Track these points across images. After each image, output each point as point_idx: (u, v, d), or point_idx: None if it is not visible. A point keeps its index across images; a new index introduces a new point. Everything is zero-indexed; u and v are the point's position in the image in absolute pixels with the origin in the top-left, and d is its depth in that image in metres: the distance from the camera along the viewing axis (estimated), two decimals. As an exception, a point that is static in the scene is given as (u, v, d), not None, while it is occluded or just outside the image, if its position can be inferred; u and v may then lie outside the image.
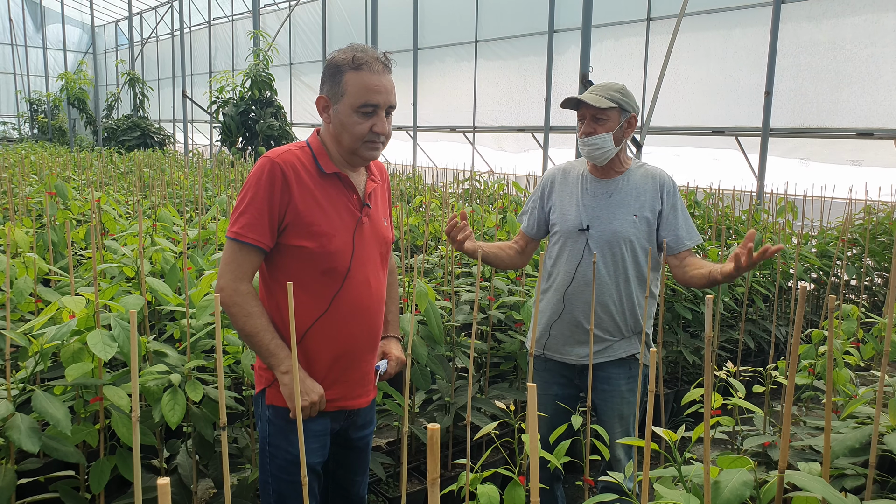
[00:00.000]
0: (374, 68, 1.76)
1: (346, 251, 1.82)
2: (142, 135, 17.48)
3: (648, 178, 2.41)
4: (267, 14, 17.69)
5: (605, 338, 2.41)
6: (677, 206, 2.41)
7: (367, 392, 1.97)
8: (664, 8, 9.48)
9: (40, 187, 5.55)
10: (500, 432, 3.22)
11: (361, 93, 1.75)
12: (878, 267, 5.24)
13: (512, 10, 11.79)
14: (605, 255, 2.36)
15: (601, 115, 2.34)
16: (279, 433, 1.85)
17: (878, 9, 7.44)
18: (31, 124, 25.48)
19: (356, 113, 1.76)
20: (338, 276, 1.81)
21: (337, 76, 1.78)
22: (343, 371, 1.88)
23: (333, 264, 1.80)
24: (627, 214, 2.36)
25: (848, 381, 2.30)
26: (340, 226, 1.81)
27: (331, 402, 1.87)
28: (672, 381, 4.15)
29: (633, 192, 2.39)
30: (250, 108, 11.56)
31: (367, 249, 1.88)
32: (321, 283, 1.81)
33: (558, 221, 2.45)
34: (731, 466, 1.13)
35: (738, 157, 9.06)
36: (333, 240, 1.79)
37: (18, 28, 27.40)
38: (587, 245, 2.37)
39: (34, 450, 1.83)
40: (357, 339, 1.88)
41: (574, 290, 2.39)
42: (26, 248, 3.22)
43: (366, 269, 1.87)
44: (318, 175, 1.81)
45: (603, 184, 2.42)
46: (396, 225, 4.69)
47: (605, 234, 2.36)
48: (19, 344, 2.22)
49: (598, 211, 2.39)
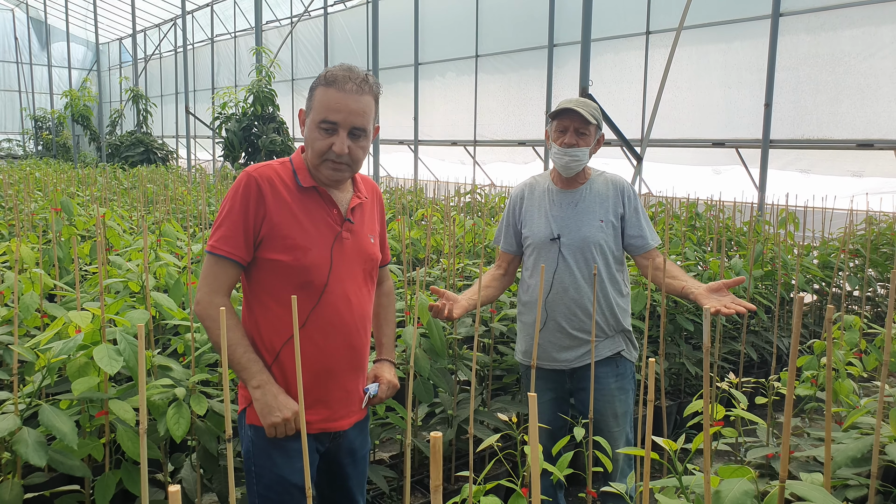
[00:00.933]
0: (343, 87, 1.74)
1: (324, 265, 1.78)
2: (145, 151, 17.58)
3: (609, 185, 2.55)
4: (269, 30, 17.85)
5: (590, 339, 2.48)
6: (639, 209, 2.56)
7: (352, 413, 1.90)
8: (663, 22, 9.55)
9: (45, 203, 5.59)
10: (503, 444, 3.22)
11: (322, 109, 1.74)
12: (881, 277, 5.25)
13: (512, 24, 11.88)
14: (579, 260, 2.48)
15: (585, 129, 2.47)
16: (262, 453, 1.81)
17: (877, 21, 7.49)
18: (35, 141, 25.65)
19: (317, 129, 1.76)
20: (314, 290, 1.78)
21: (312, 91, 1.79)
22: (323, 391, 1.83)
23: (309, 278, 1.77)
24: (594, 220, 2.49)
25: (851, 391, 2.31)
26: (318, 240, 1.79)
27: (312, 424, 1.82)
28: (675, 393, 4.15)
29: (596, 199, 2.53)
30: (253, 123, 11.63)
31: (348, 265, 1.84)
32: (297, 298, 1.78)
33: (530, 234, 2.56)
34: (733, 476, 1.14)
35: (738, 169, 9.08)
36: (309, 253, 1.77)
37: (24, 46, 27.66)
38: (560, 253, 2.49)
39: (41, 464, 1.84)
40: (336, 356, 1.83)
41: (553, 297, 2.50)
42: (32, 263, 3.25)
43: (344, 285, 1.82)
44: (297, 189, 1.80)
45: (568, 194, 2.55)
46: (398, 238, 4.71)
47: (576, 240, 2.48)
48: (26, 359, 2.24)
49: (566, 220, 2.51)
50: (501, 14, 12.08)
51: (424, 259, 4.52)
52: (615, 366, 2.53)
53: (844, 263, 4.40)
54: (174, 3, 20.48)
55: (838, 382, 2.23)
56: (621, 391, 2.52)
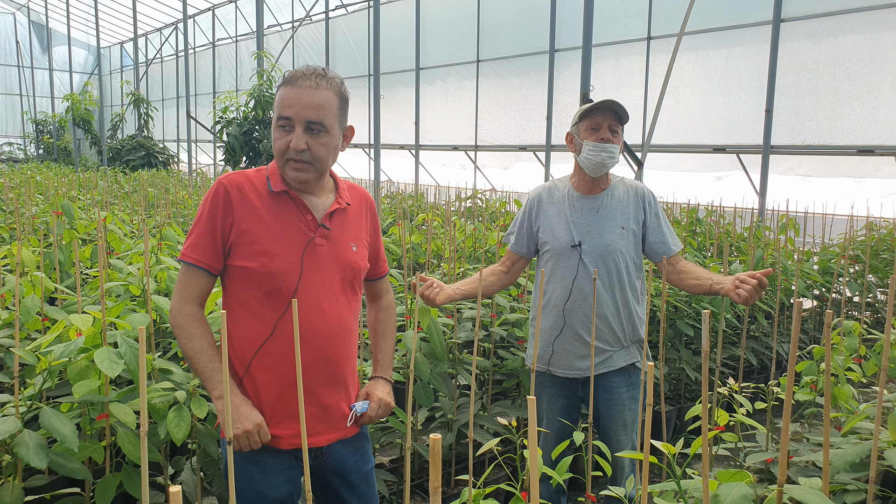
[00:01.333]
0: (297, 83, 1.70)
1: (293, 272, 1.72)
2: (146, 154, 17.61)
3: (630, 190, 2.52)
4: (271, 35, 17.89)
5: (605, 349, 2.47)
6: (659, 214, 2.53)
7: (332, 430, 1.81)
8: (664, 27, 9.58)
9: (47, 207, 5.60)
10: (503, 449, 3.22)
11: (278, 107, 1.72)
12: (881, 283, 5.25)
13: (513, 29, 11.92)
14: (600, 268, 2.44)
15: (617, 127, 2.44)
16: (238, 468, 1.74)
17: (877, 27, 7.52)
18: (36, 145, 25.69)
19: (276, 128, 1.73)
20: (282, 298, 1.71)
21: (277, 93, 1.76)
22: (294, 405, 1.72)
23: (277, 285, 1.71)
24: (615, 227, 2.45)
25: (850, 397, 2.31)
26: (287, 245, 1.73)
27: (283, 439, 1.74)
28: (675, 399, 4.15)
29: (618, 205, 2.49)
30: (254, 127, 11.65)
31: (322, 272, 1.76)
32: (265, 305, 1.72)
33: (549, 240, 2.51)
34: (731, 480, 1.15)
35: (739, 175, 9.09)
36: (276, 259, 1.71)
37: (25, 50, 27.74)
38: (581, 260, 2.44)
39: (42, 466, 1.84)
40: (307, 368, 1.73)
41: (572, 304, 2.45)
42: (33, 267, 3.26)
43: (317, 293, 1.75)
44: (268, 194, 1.75)
45: (589, 200, 2.50)
46: (398, 242, 4.72)
47: (598, 248, 2.44)
48: (27, 362, 2.25)
49: (587, 227, 2.46)
50: (503, 19, 12.12)
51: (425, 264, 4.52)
52: (628, 376, 2.50)
53: (844, 269, 4.40)
54: (176, 8, 20.55)
55: (838, 388, 2.24)
56: (632, 401, 2.50)
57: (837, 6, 7.78)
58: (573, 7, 10.55)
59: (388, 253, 4.65)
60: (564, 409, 2.56)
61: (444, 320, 2.92)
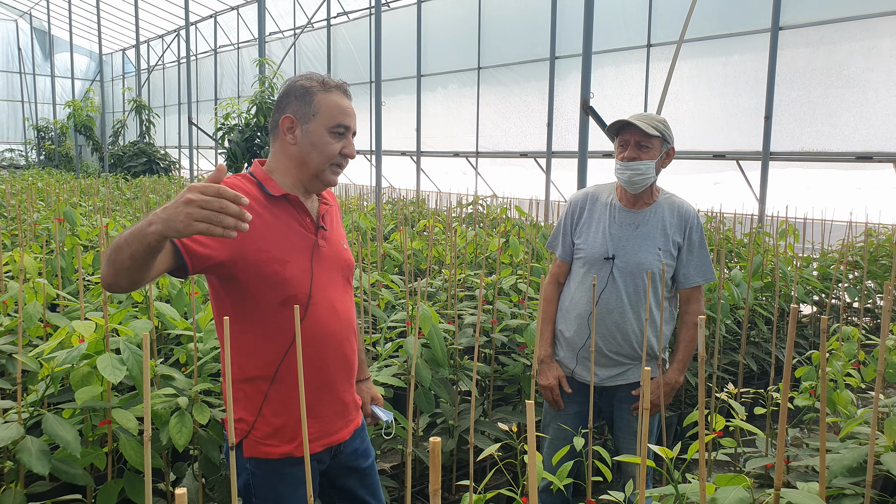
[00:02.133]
0: (344, 92, 1.77)
1: (305, 277, 1.71)
2: (148, 161, 17.65)
3: (675, 212, 2.46)
4: (272, 42, 17.95)
5: (625, 362, 2.48)
6: (695, 243, 2.46)
7: (348, 423, 1.86)
8: (664, 35, 9.62)
9: (49, 214, 5.62)
10: (504, 455, 3.23)
11: (335, 113, 1.73)
12: (880, 289, 5.26)
13: (514, 37, 11.96)
14: (629, 284, 2.41)
15: (647, 142, 2.37)
16: (264, 486, 1.72)
17: (875, 35, 7.55)
18: (37, 151, 25.74)
19: (329, 133, 1.72)
20: (299, 304, 1.68)
21: (306, 97, 1.73)
22: (321, 405, 1.76)
23: (293, 292, 1.68)
24: (652, 247, 2.41)
25: (849, 402, 2.32)
26: (294, 250, 1.71)
27: (316, 442, 1.76)
28: (675, 405, 4.15)
29: (659, 224, 2.44)
30: (256, 134, 11.68)
31: (328, 273, 1.78)
32: (281, 315, 1.68)
33: (584, 247, 2.48)
34: (729, 484, 1.16)
35: (739, 180, 9.12)
36: (288, 266, 1.68)
37: (27, 57, 27.83)
38: (612, 273, 2.42)
39: (44, 472, 1.86)
40: (331, 368, 1.77)
41: (597, 316, 2.43)
42: (35, 273, 3.27)
43: (328, 294, 1.76)
44: (266, 200, 1.71)
45: (631, 214, 2.46)
46: (399, 248, 4.73)
47: (630, 264, 2.41)
48: (29, 368, 2.26)
49: (624, 241, 2.43)
50: (503, 26, 12.16)
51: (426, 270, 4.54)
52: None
53: (843, 275, 4.41)
54: (178, 15, 20.62)
55: (836, 393, 2.25)
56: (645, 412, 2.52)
57: (835, 14, 7.82)
58: (573, 15, 10.59)
59: (390, 259, 4.67)
60: (577, 416, 2.55)
61: (445, 326, 2.94)
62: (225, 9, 20.04)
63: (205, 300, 3.15)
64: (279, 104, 1.77)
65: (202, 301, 3.10)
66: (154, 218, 1.32)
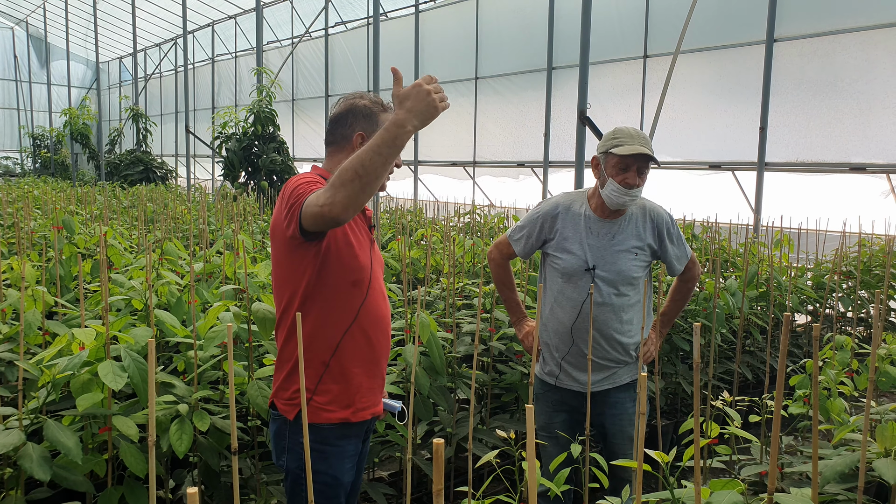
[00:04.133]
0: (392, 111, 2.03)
1: (368, 265, 2.04)
2: (144, 169, 17.64)
3: (647, 216, 2.54)
4: (270, 51, 18.01)
5: (611, 366, 2.51)
6: (675, 237, 2.57)
7: (382, 397, 2.14)
8: (660, 46, 9.70)
9: (46, 222, 5.63)
10: (502, 462, 3.24)
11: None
12: (873, 299, 5.29)
13: (511, 47, 12.04)
14: (610, 292, 2.47)
15: (646, 168, 2.41)
16: (318, 458, 1.93)
17: (868, 47, 7.63)
18: (33, 159, 25.71)
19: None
20: (363, 286, 2.01)
21: (371, 117, 2.08)
22: (371, 378, 2.05)
23: (361, 276, 2.00)
24: (629, 253, 2.48)
25: (842, 410, 2.35)
26: (362, 243, 2.05)
27: (365, 410, 2.02)
28: (671, 413, 4.18)
29: (634, 231, 2.51)
30: (253, 143, 11.71)
31: (377, 265, 2.11)
32: (350, 294, 1.99)
33: (562, 259, 2.51)
34: (723, 489, 1.18)
35: (735, 190, 9.18)
36: (360, 254, 2.01)
37: (23, 64, 27.86)
38: (594, 282, 2.46)
39: (45, 478, 1.87)
40: (380, 345, 2.07)
41: (580, 324, 2.48)
42: (33, 281, 3.28)
43: (380, 282, 2.10)
44: None
45: (607, 224, 2.51)
46: (398, 257, 4.75)
47: (611, 273, 2.46)
48: (30, 375, 2.27)
49: (602, 251, 2.48)
50: (501, 37, 12.24)
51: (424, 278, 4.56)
52: (633, 391, 2.55)
53: (837, 285, 4.45)
54: (175, 23, 20.68)
55: (830, 401, 2.27)
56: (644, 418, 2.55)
57: (829, 27, 7.90)
58: (570, 25, 10.67)
59: (388, 268, 4.69)
60: (567, 423, 2.60)
61: (443, 334, 2.96)
62: (222, 18, 20.12)
63: (203, 308, 3.16)
64: (343, 120, 2.08)
65: (200, 309, 3.11)
66: (402, 120, 1.78)
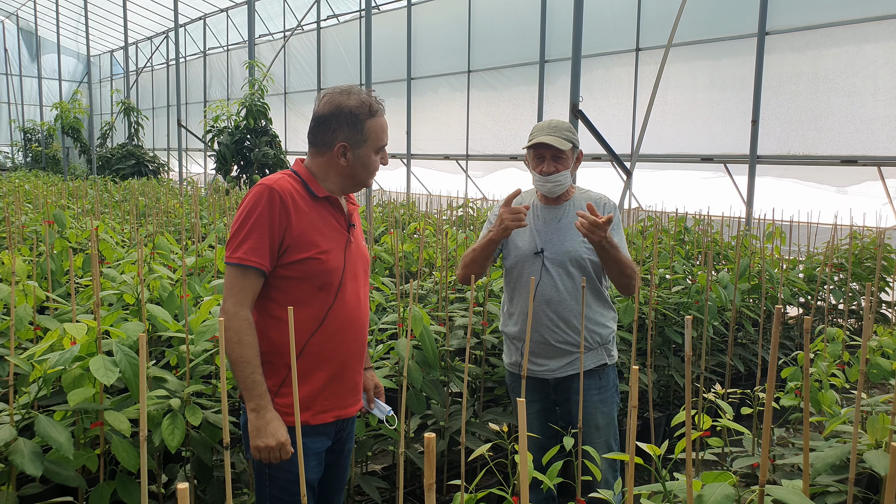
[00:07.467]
0: (381, 111, 2.00)
1: (339, 268, 1.96)
2: (136, 163, 17.55)
3: (593, 202, 2.61)
4: (262, 44, 17.92)
5: (572, 350, 2.56)
6: (614, 225, 2.59)
7: (356, 402, 2.09)
8: (652, 39, 9.69)
9: (37, 216, 5.59)
10: (494, 455, 3.25)
11: (380, 136, 1.99)
12: (864, 291, 5.32)
13: (504, 40, 12.01)
14: (562, 274, 2.55)
15: (562, 154, 2.56)
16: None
17: (859, 40, 7.65)
18: (24, 153, 25.53)
19: (377, 153, 2.01)
20: (331, 290, 1.94)
21: (357, 125, 1.95)
22: (337, 381, 1.99)
23: (329, 280, 1.93)
24: (576, 236, 2.56)
25: (833, 402, 2.36)
26: (334, 244, 1.97)
27: (326, 413, 1.97)
28: (664, 405, 4.19)
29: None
30: (245, 136, 11.66)
31: (355, 266, 2.03)
32: (317, 298, 1.93)
33: (512, 248, 2.63)
34: (715, 482, 1.18)
35: (727, 183, 9.20)
36: (331, 257, 1.93)
37: (14, 58, 27.62)
38: (544, 266, 2.56)
39: (37, 474, 1.86)
40: (350, 351, 2.01)
41: (537, 308, 2.56)
42: (24, 276, 3.26)
43: (355, 284, 2.02)
44: (310, 198, 1.96)
45: (552, 210, 2.64)
46: (390, 251, 4.75)
47: (559, 254, 2.55)
48: (21, 370, 2.26)
49: (550, 235, 2.59)
50: (493, 30, 12.21)
51: (417, 272, 4.55)
52: (598, 378, 2.59)
53: (829, 277, 4.47)
54: (167, 17, 20.54)
55: (821, 393, 2.29)
56: (603, 404, 2.60)
57: (820, 20, 7.91)
58: (563, 18, 10.65)
59: (381, 262, 4.69)
60: (541, 413, 2.66)
61: (436, 328, 2.96)
62: (214, 11, 19.99)
63: (195, 303, 3.15)
64: (327, 124, 1.95)
65: (193, 303, 3.10)
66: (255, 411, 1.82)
